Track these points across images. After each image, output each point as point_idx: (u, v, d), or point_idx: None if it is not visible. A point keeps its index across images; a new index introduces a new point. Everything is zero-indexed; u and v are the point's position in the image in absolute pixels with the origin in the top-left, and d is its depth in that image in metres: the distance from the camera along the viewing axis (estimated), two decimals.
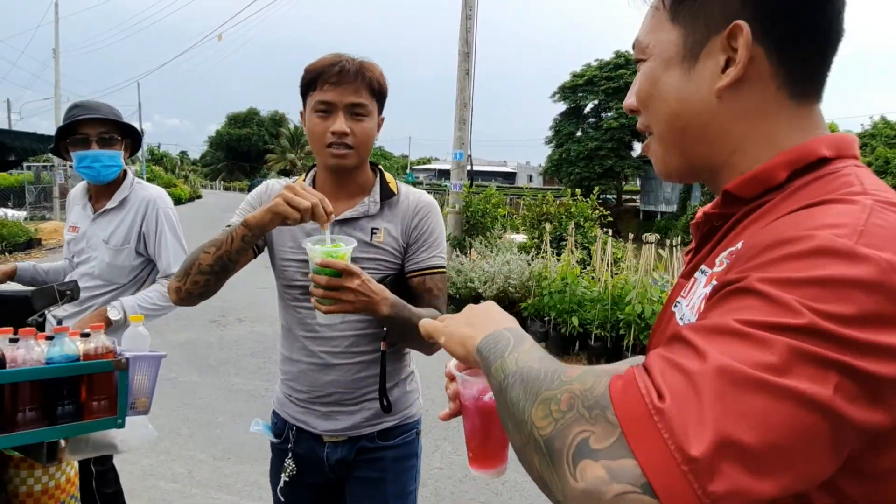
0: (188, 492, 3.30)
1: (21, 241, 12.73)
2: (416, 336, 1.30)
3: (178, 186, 36.88)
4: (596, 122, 28.97)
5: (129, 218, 2.24)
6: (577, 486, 0.51)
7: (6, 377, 1.33)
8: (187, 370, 5.29)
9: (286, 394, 1.61)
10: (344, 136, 1.41)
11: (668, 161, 0.77)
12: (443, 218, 1.59)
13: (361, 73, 1.41)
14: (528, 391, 0.60)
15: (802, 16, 0.66)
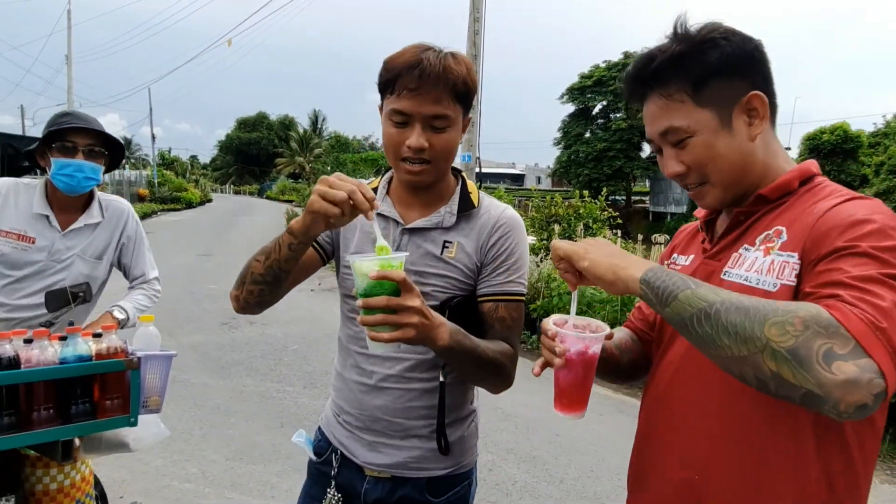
0: (202, 491, 3.34)
1: None
2: (480, 372, 1.23)
3: (188, 190, 37.08)
4: (604, 123, 28.88)
5: (107, 230, 2.22)
6: (836, 377, 0.76)
7: (21, 377, 1.36)
8: (199, 372, 5.34)
9: (335, 412, 1.45)
10: (421, 151, 1.23)
11: (725, 197, 1.07)
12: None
13: (445, 77, 1.19)
14: (751, 316, 0.81)
15: (771, 80, 1.05)
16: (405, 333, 1.04)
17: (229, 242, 15.44)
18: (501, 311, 1.31)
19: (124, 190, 27.29)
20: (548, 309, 6.43)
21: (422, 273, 1.28)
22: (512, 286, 1.32)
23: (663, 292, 0.91)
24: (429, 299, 1.23)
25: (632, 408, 4.85)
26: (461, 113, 1.27)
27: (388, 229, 1.33)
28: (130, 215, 2.29)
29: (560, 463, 3.82)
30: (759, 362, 0.80)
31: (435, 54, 1.21)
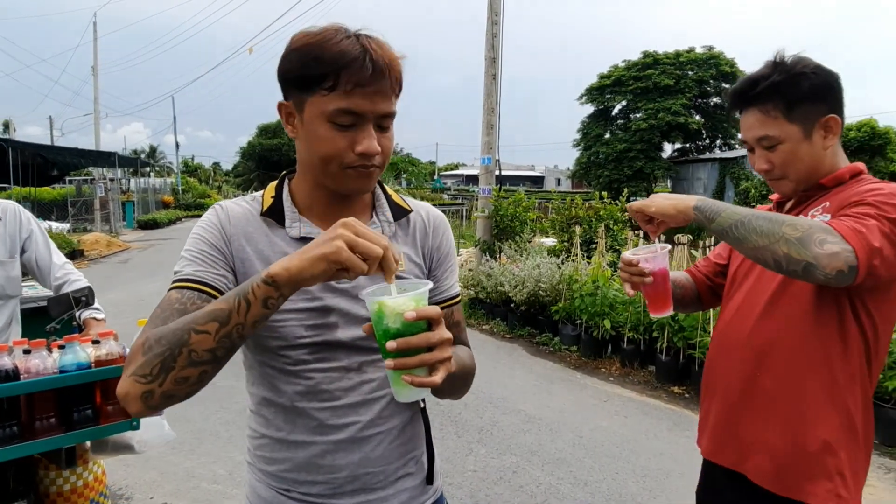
0: (230, 492, 3.39)
1: (65, 252, 13.06)
2: (465, 385, 1.19)
3: (212, 197, 37.59)
4: (624, 124, 28.65)
5: (9, 229, 2.21)
6: (825, 252, 1.15)
7: (21, 388, 1.38)
8: (226, 375, 5.34)
9: (281, 490, 1.13)
10: (372, 156, 1.02)
11: (798, 189, 1.44)
12: (472, 223, 1.41)
13: (391, 68, 1.00)
14: (773, 221, 1.22)
15: (843, 104, 1.40)
16: (447, 368, 0.89)
17: None
18: (456, 315, 1.21)
19: (150, 197, 27.76)
20: (569, 311, 6.41)
21: None
22: (456, 287, 1.23)
23: (710, 213, 1.31)
24: None
25: (656, 410, 4.82)
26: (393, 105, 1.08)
27: None
28: (23, 211, 2.28)
29: (584, 465, 3.81)
30: (777, 248, 1.20)
31: (375, 42, 1.01)
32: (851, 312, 1.32)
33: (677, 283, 1.68)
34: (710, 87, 27.72)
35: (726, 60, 26.89)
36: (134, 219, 23.20)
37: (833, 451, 1.34)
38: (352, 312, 1.08)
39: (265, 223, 1.10)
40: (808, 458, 1.35)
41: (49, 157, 20.17)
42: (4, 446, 1.37)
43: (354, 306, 1.07)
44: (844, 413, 1.34)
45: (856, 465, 1.36)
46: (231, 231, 1.08)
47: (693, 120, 26.93)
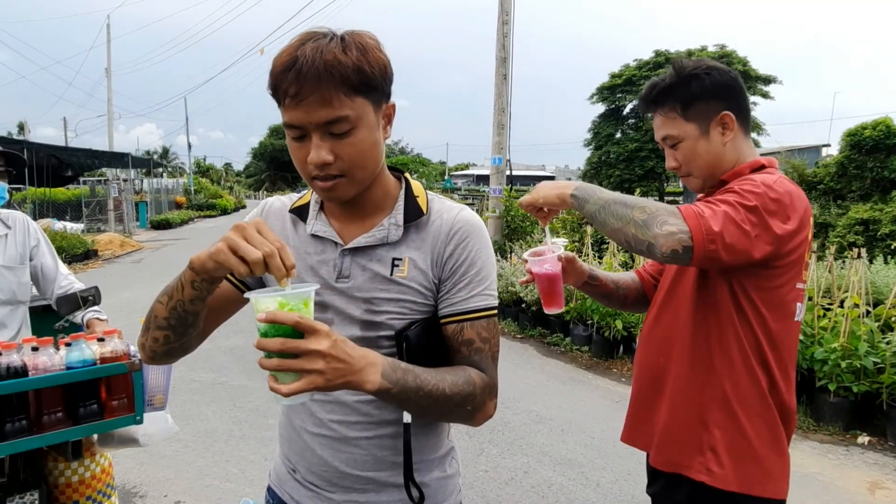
0: (242, 491, 3.41)
1: (79, 252, 13.29)
2: (437, 411, 1.04)
3: (223, 197, 37.84)
4: (636, 123, 28.52)
5: (18, 238, 2.26)
6: (662, 231, 1.25)
7: (29, 384, 1.44)
8: (237, 374, 5.44)
9: (289, 468, 1.22)
10: (326, 166, 1.01)
11: (704, 185, 1.53)
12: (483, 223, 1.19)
13: (328, 73, 0.95)
14: (627, 205, 1.33)
15: (743, 99, 1.51)
16: (310, 382, 0.86)
17: None
18: (468, 333, 1.09)
19: (162, 198, 27.99)
20: (581, 311, 6.39)
21: (371, 300, 1.08)
22: (477, 300, 1.10)
23: (583, 199, 1.40)
24: (384, 329, 1.08)
25: None
26: (369, 105, 1.01)
27: (325, 252, 1.13)
28: (30, 222, 2.34)
29: (596, 466, 3.79)
30: (627, 230, 1.31)
31: (314, 46, 0.96)
32: (732, 300, 1.40)
33: (621, 284, 1.79)
34: None
35: (739, 59, 26.70)
36: (147, 219, 23.40)
37: (707, 428, 1.44)
38: (346, 312, 1.10)
39: (291, 219, 1.19)
40: (684, 434, 1.47)
41: (63, 158, 20.44)
42: (14, 439, 1.42)
43: (349, 306, 1.10)
44: (721, 395, 1.43)
45: (735, 446, 1.43)
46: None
47: None
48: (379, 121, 1.05)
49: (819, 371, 4.39)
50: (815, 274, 4.92)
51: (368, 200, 1.13)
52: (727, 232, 1.25)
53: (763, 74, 27.14)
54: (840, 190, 17.66)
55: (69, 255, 12.77)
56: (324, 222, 1.15)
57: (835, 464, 3.90)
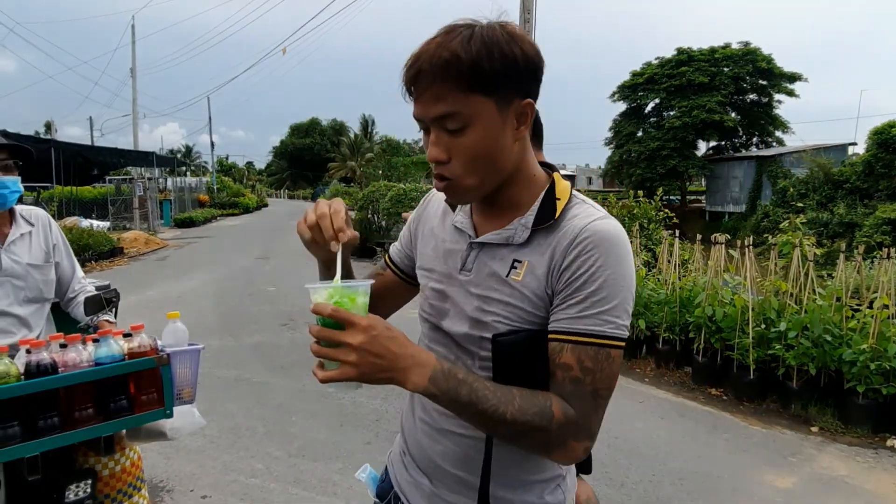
0: (267, 486, 3.45)
1: (105, 249, 13.51)
2: (496, 432, 0.97)
3: (246, 196, 38.20)
4: (657, 122, 28.25)
5: (40, 235, 2.25)
6: None
7: (60, 381, 1.44)
8: (261, 371, 5.50)
9: (401, 450, 1.25)
10: (440, 164, 0.99)
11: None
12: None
13: (443, 67, 0.92)
14: None
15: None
16: (343, 373, 0.88)
17: (286, 245, 15.82)
18: (567, 356, 0.96)
19: (186, 196, 28.34)
20: None
21: (484, 298, 1.04)
22: (589, 323, 0.95)
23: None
24: (488, 330, 1.03)
25: (692, 411, 4.75)
26: (490, 103, 0.95)
27: (459, 243, 1.12)
28: (50, 219, 2.33)
29: (620, 466, 3.77)
30: None
31: (441, 41, 0.94)
32: None
33: None
34: (746, 83, 27.17)
35: (763, 56, 26.32)
36: (171, 217, 23.71)
37: None
38: (461, 305, 1.07)
39: (444, 208, 1.21)
40: None
41: (90, 157, 20.77)
42: (46, 436, 1.43)
43: (465, 300, 1.07)
44: None
45: None
46: (423, 213, 1.27)
47: (729, 117, 26.41)
48: (507, 119, 0.97)
49: (847, 373, 4.32)
50: (843, 274, 4.84)
51: (506, 198, 1.07)
52: None
53: (788, 72, 26.71)
54: (867, 189, 17.33)
55: (95, 252, 12.99)
56: (465, 215, 1.14)
57: (863, 467, 3.83)
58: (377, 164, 26.96)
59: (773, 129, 28.33)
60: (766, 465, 3.83)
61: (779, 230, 5.55)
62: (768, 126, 28.11)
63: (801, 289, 4.89)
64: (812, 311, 4.53)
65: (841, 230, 16.17)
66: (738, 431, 4.36)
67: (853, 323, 4.53)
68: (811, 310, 4.57)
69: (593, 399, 0.96)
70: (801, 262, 4.91)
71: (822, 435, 4.29)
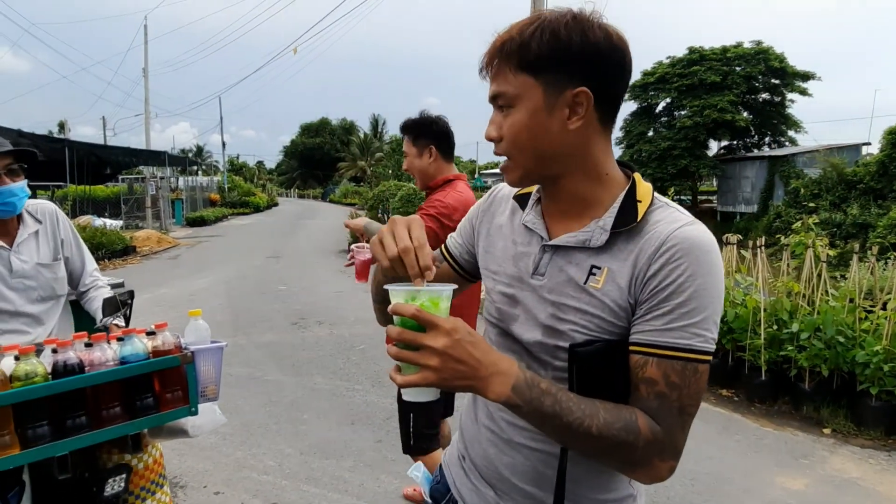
0: (279, 483, 3.48)
1: (118, 248, 13.64)
2: (581, 446, 0.92)
3: (256, 195, 38.37)
4: (669, 121, 28.07)
5: (48, 232, 2.25)
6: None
7: (88, 380, 1.44)
8: (272, 369, 5.54)
9: (460, 454, 1.20)
10: (492, 141, 1.00)
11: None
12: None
13: (502, 47, 0.94)
14: None
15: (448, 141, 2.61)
16: (423, 377, 0.84)
17: (296, 245, 15.90)
18: (652, 370, 0.91)
19: (197, 195, 28.52)
20: None
21: (559, 305, 0.99)
22: (676, 336, 0.90)
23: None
24: (564, 339, 0.98)
25: (704, 412, 4.73)
26: (538, 86, 0.93)
27: (530, 245, 1.07)
28: (58, 212, 2.31)
29: None
30: None
31: (517, 23, 0.96)
32: None
33: None
34: (758, 83, 26.94)
35: (776, 55, 26.10)
36: (183, 216, 23.88)
37: None
38: (532, 311, 1.02)
39: (512, 206, 1.15)
40: None
41: (103, 157, 20.95)
42: (75, 435, 1.43)
43: (537, 306, 1.02)
44: None
45: None
46: (487, 208, 1.22)
47: (741, 117, 26.20)
48: (555, 106, 0.94)
49: (861, 374, 4.29)
50: (857, 275, 4.81)
51: (579, 197, 1.02)
52: None
53: (801, 71, 26.48)
54: (881, 189, 17.16)
55: (108, 250, 13.11)
56: (537, 214, 1.08)
57: (876, 469, 3.81)
58: (387, 164, 26.97)
59: (785, 129, 28.07)
60: (777, 467, 3.82)
61: (791, 231, 5.52)
62: (781, 126, 27.86)
63: (813, 290, 4.87)
64: (825, 313, 4.51)
65: (854, 231, 16.02)
66: (749, 433, 4.35)
67: (866, 324, 4.49)
68: (824, 311, 4.54)
69: (679, 416, 0.91)
70: (813, 263, 4.88)
71: (834, 437, 4.27)
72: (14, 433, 1.35)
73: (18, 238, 2.16)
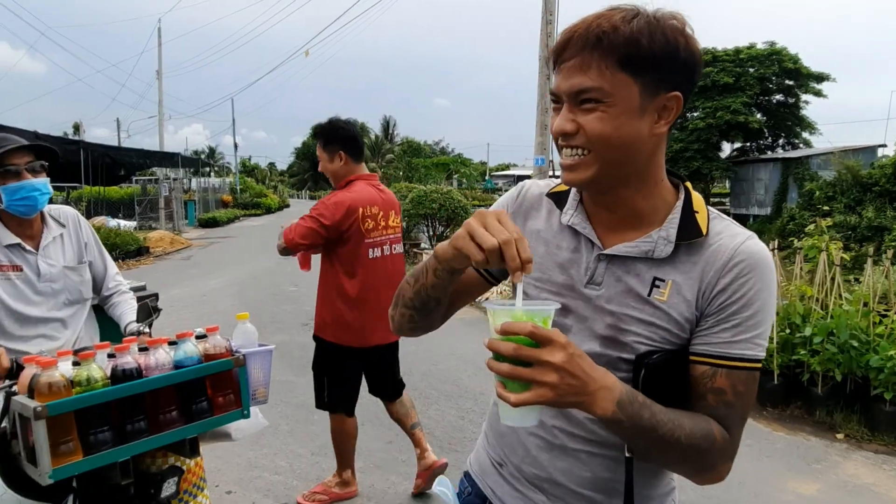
0: (290, 483, 3.50)
1: (132, 248, 13.77)
2: (666, 456, 0.93)
3: (268, 196, 38.61)
4: (681, 123, 27.86)
5: (72, 235, 2.24)
6: (279, 244, 3.09)
7: (147, 385, 1.41)
8: (283, 370, 5.57)
9: (494, 462, 1.16)
10: (568, 136, 0.92)
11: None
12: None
13: (597, 37, 0.87)
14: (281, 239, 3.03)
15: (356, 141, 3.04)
16: (540, 395, 0.80)
17: None
18: (721, 381, 0.93)
19: (209, 196, 28.73)
20: None
21: (620, 316, 0.97)
22: (743, 348, 0.93)
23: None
24: (626, 351, 0.97)
25: None
26: (635, 86, 0.89)
27: (578, 251, 1.03)
28: (80, 216, 2.32)
29: None
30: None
31: (602, 14, 0.90)
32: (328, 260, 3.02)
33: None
34: (772, 84, 26.75)
35: (790, 56, 25.90)
36: (195, 217, 24.07)
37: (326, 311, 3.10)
38: (587, 322, 1.00)
39: (547, 204, 1.11)
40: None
41: (117, 158, 21.17)
42: (135, 440, 1.41)
43: (593, 317, 1.00)
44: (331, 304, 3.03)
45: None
46: (516, 209, 1.15)
47: (754, 119, 26.03)
48: (648, 109, 0.91)
49: (874, 379, 4.25)
50: (871, 279, 4.77)
51: (634, 205, 0.99)
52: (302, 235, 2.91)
53: (815, 72, 26.26)
54: None
55: (122, 251, 13.24)
56: (583, 217, 1.04)
57: (890, 475, 3.77)
58: (398, 166, 27.06)
59: (799, 131, 27.85)
60: (789, 472, 3.79)
61: (805, 234, 5.48)
62: (795, 127, 27.65)
63: (827, 294, 4.83)
64: (838, 317, 4.47)
65: (869, 234, 15.86)
66: (761, 437, 4.32)
67: (881, 329, 4.45)
68: (837, 315, 4.50)
69: (741, 422, 0.96)
70: (827, 267, 4.84)
71: (847, 442, 4.23)
72: (77, 439, 1.32)
73: (44, 241, 2.15)
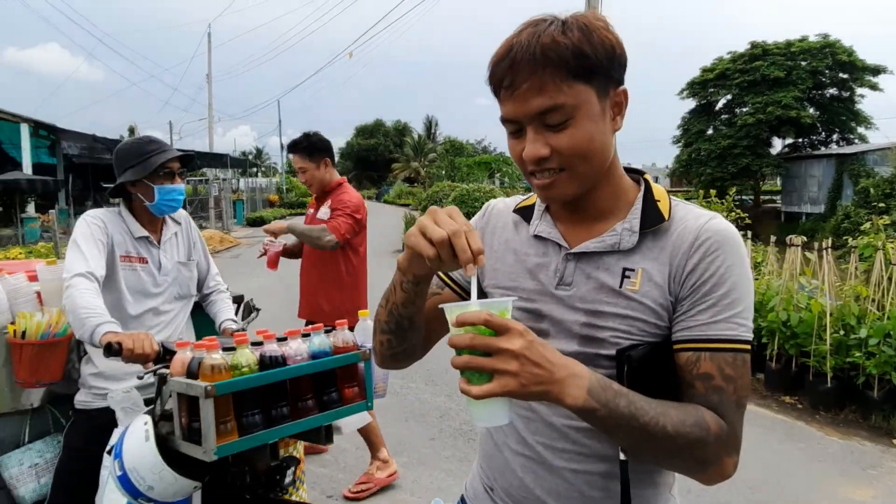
0: (335, 476, 3.58)
1: None
2: (653, 450, 0.87)
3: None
4: (729, 119, 27.20)
5: (184, 234, 2.39)
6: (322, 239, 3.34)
7: (292, 372, 1.48)
8: None
9: (486, 485, 1.12)
10: (542, 160, 0.91)
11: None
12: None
13: (544, 56, 0.86)
14: (311, 230, 3.45)
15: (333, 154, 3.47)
16: (502, 385, 0.77)
17: None
18: (706, 365, 0.90)
19: (257, 196, 29.39)
20: None
21: (596, 313, 0.96)
22: (722, 328, 0.90)
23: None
24: (605, 346, 0.94)
25: (764, 419, 4.60)
26: (592, 92, 0.89)
27: (547, 256, 1.03)
28: (189, 218, 2.48)
29: None
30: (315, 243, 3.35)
31: (532, 31, 0.89)
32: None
33: None
34: (825, 77, 25.83)
35: (843, 49, 24.95)
36: (243, 216, 24.66)
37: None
38: (564, 323, 0.98)
39: (514, 220, 1.11)
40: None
41: None
42: (280, 425, 1.48)
43: (568, 317, 0.98)
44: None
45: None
46: (484, 225, 1.15)
47: (806, 113, 25.16)
48: (606, 110, 0.93)
49: None
50: None
51: (598, 202, 1.00)
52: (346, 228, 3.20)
53: (871, 65, 25.22)
54: None
55: None
56: (549, 223, 1.05)
57: None
58: (440, 165, 27.15)
59: (854, 126, 26.79)
60: (842, 477, 3.69)
61: (860, 232, 5.31)
62: (849, 122, 26.61)
63: (883, 294, 4.67)
64: (895, 318, 4.32)
65: None
66: (813, 441, 4.21)
67: None
68: (894, 316, 4.35)
69: (738, 409, 0.90)
70: (884, 266, 4.68)
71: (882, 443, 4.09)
72: (235, 420, 1.40)
73: (164, 237, 2.30)
